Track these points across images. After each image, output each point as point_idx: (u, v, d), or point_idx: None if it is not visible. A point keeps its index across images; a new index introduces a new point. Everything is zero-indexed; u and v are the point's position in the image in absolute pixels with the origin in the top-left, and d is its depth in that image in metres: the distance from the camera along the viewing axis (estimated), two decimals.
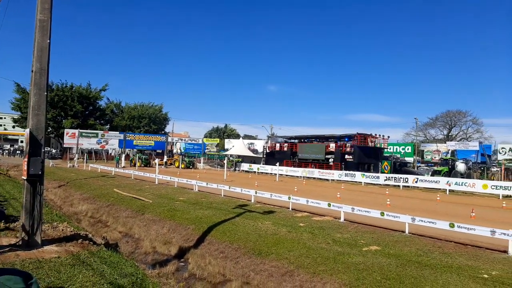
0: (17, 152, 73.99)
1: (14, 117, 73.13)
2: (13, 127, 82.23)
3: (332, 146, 45.30)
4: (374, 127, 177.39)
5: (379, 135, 46.64)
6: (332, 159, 44.41)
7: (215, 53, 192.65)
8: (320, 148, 46.29)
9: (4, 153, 72.48)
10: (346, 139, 45.70)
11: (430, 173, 38.36)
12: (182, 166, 51.46)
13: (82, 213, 17.73)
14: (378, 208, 14.17)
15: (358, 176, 36.40)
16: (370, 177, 35.78)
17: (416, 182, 32.17)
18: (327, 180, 38.06)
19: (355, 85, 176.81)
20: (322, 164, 44.68)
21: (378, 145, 45.94)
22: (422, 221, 11.65)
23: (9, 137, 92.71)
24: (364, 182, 35.02)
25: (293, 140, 52.58)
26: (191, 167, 52.84)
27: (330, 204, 13.93)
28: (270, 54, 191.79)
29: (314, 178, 39.73)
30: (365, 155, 43.05)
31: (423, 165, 54.28)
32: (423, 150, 63.07)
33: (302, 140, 51.50)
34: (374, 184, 34.15)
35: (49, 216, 12.96)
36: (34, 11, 8.31)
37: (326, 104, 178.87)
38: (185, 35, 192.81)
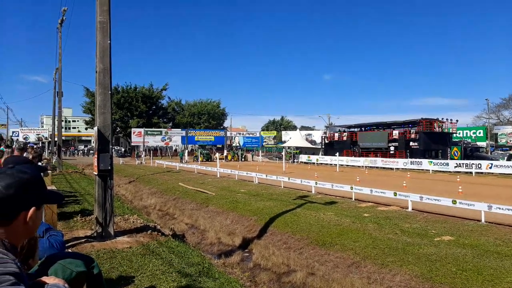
0: (91, 152, 79.18)
1: (86, 119, 78.40)
2: (86, 129, 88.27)
3: (395, 133, 43.24)
4: (440, 111, 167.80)
5: (447, 119, 43.92)
6: (395, 147, 42.57)
7: (266, 46, 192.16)
8: (382, 136, 44.28)
9: (79, 153, 78.04)
10: (410, 126, 43.53)
11: (506, 157, 35.47)
12: (235, 158, 52.26)
13: (151, 206, 18.46)
14: (449, 196, 13.30)
15: (425, 163, 34.54)
16: (438, 164, 33.82)
17: (491, 168, 29.89)
18: (391, 169, 36.49)
19: (418, 68, 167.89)
20: (385, 152, 42.67)
21: (446, 130, 43.28)
22: (500, 208, 10.73)
23: (83, 138, 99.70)
24: (432, 170, 33.18)
25: (353, 129, 50.56)
26: (243, 159, 53.50)
27: (396, 193, 13.31)
28: (323, 44, 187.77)
29: (376, 167, 38.22)
30: (432, 141, 40.75)
31: (498, 149, 50.33)
32: (497, 134, 58.52)
33: (363, 128, 49.40)
34: (443, 172, 32.24)
35: (121, 209, 13.36)
36: (94, 14, 8.68)
37: (387, 91, 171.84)
38: (236, 30, 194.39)
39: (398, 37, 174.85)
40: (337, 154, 39.66)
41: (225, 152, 56.42)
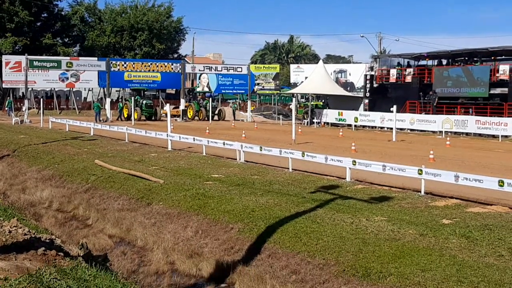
0: None
1: None
2: None
3: (505, 69, 26.59)
4: None
5: None
6: (502, 96, 26.67)
7: None
8: (480, 74, 27.52)
9: None
10: None
11: None
12: (201, 116, 35.95)
13: (43, 203, 13.13)
14: None
15: None
16: None
17: None
18: (495, 137, 23.77)
19: None
20: (483, 106, 26.93)
21: None
22: None
23: None
24: None
25: (423, 62, 32.73)
26: (216, 117, 36.64)
27: (502, 183, 8.59)
28: None
29: (467, 134, 25.33)
30: None
31: None
32: None
33: (442, 60, 31.28)
34: None
35: None
36: None
37: None
38: None
39: None
40: (394, 108, 24.22)
41: (183, 104, 37.80)
